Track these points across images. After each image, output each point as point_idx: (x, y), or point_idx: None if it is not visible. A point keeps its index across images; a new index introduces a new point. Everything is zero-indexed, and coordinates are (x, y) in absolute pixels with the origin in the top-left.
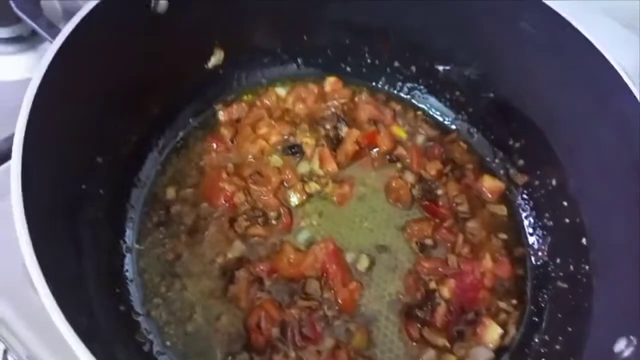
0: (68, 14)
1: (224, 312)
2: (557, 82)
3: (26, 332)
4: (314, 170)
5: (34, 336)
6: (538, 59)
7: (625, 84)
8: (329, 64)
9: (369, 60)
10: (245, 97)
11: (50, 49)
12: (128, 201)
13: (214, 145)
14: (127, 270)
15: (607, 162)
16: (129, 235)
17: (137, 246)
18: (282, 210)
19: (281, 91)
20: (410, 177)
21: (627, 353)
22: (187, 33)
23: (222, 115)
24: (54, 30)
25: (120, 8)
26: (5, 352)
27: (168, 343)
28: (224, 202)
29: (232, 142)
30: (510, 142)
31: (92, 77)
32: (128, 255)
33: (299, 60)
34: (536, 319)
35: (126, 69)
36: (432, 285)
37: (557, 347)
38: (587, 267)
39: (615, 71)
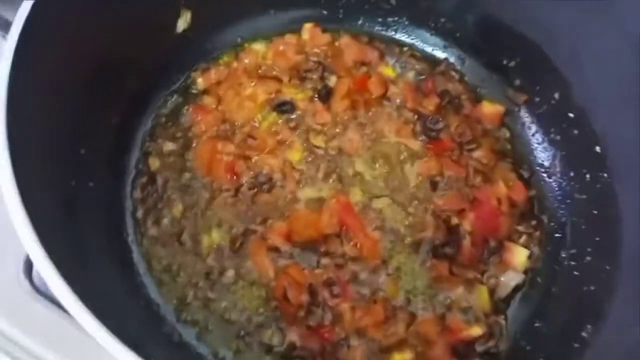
0: None
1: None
2: None
3: (29, 343)
4: (309, 124)
5: (39, 347)
6: None
7: None
8: (304, 10)
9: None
10: (222, 60)
11: (7, 44)
12: (122, 190)
13: (199, 117)
14: (135, 261)
15: (610, 65)
16: (129, 225)
17: (139, 236)
18: (286, 171)
19: (259, 47)
20: (408, 115)
21: None
22: None
23: (200, 83)
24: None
25: None
26: None
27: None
28: (225, 173)
29: (218, 108)
30: (505, 62)
31: (59, 64)
32: (133, 246)
33: (272, 11)
34: (559, 235)
35: (93, 48)
36: (454, 220)
37: (588, 258)
38: (605, 175)
39: None
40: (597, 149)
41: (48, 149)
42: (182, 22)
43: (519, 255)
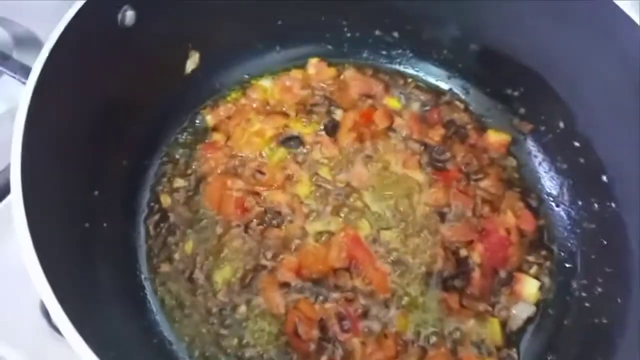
0: (19, 41)
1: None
2: (550, 23)
3: None
4: (317, 158)
5: None
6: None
7: (626, 15)
8: (309, 46)
9: (349, 34)
10: (230, 97)
11: (26, 88)
12: (135, 228)
13: (209, 153)
14: (148, 299)
15: (613, 93)
16: (142, 263)
17: (152, 274)
18: (295, 206)
19: (266, 83)
20: (415, 146)
21: None
22: (158, 41)
23: (210, 120)
24: (24, 70)
25: (86, 32)
26: None
27: None
28: (235, 209)
29: (227, 144)
30: (509, 92)
31: (71, 109)
32: (146, 284)
33: (277, 47)
34: (570, 265)
35: (103, 91)
36: (463, 252)
37: (599, 289)
38: (613, 205)
39: (614, 4)
40: (604, 178)
41: (61, 193)
42: (191, 63)
43: (530, 287)
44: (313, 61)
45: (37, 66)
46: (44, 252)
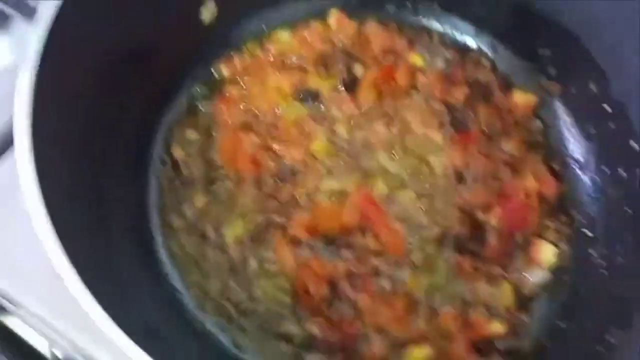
0: None
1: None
2: None
3: (65, 326)
4: (334, 115)
5: (73, 329)
6: None
7: None
8: None
9: None
10: (246, 49)
11: (38, 30)
12: (146, 180)
13: (223, 106)
14: (159, 251)
15: None
16: (153, 215)
17: (163, 227)
18: (309, 162)
19: (284, 35)
20: (436, 106)
21: None
22: None
23: (225, 72)
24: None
25: None
26: (51, 347)
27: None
28: (248, 164)
29: (242, 98)
30: (540, 51)
31: (83, 54)
32: (157, 237)
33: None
34: (590, 233)
35: (118, 38)
36: (480, 215)
37: (620, 259)
38: None
39: None
40: (634, 144)
41: (71, 146)
42: (206, 12)
43: (546, 252)
44: (334, 12)
45: (48, 11)
46: (51, 205)
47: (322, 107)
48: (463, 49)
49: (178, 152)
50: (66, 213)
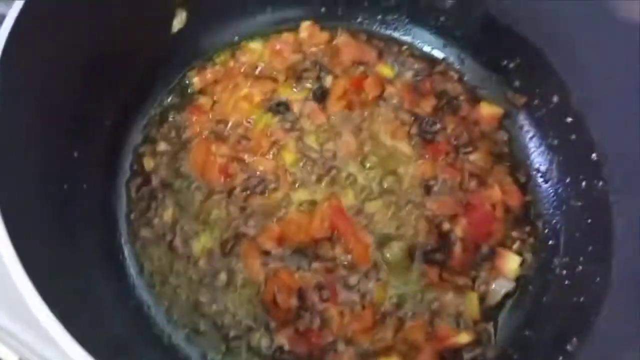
0: None
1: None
2: None
3: (33, 339)
4: (304, 126)
5: (42, 344)
6: None
7: None
8: (301, 7)
9: None
10: (218, 59)
11: (1, 30)
12: (116, 191)
13: (194, 117)
14: (127, 262)
15: (611, 72)
16: (122, 226)
17: (132, 238)
18: (279, 173)
19: (255, 46)
20: (405, 117)
21: None
22: None
23: (196, 83)
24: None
25: None
26: None
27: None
28: (219, 175)
29: (213, 109)
30: (504, 63)
31: (51, 60)
32: (126, 248)
33: (269, 8)
34: (553, 242)
35: (86, 44)
36: (445, 226)
37: (580, 267)
38: (600, 183)
39: None
40: (594, 156)
41: (38, 152)
42: (178, 22)
43: (511, 262)
44: (305, 24)
45: (14, 10)
46: (13, 214)
47: (292, 117)
48: (431, 61)
49: (148, 163)
50: (30, 222)
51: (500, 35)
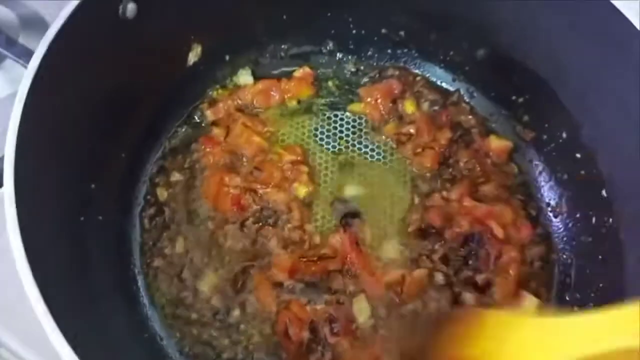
0: (25, 23)
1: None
2: (561, 30)
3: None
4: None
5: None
6: (537, 8)
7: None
8: (313, 43)
9: (354, 31)
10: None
11: (26, 74)
12: (130, 221)
13: (208, 148)
14: (141, 293)
15: (621, 107)
16: (136, 257)
17: (145, 268)
18: (291, 205)
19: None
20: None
21: None
22: (160, 33)
23: (209, 115)
24: (28, 55)
25: (89, 21)
26: None
27: None
28: (232, 206)
29: (226, 140)
30: (513, 98)
31: (70, 98)
32: (139, 278)
33: (283, 46)
34: (563, 278)
35: (107, 82)
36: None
37: (591, 304)
38: (610, 220)
39: (624, 17)
40: (604, 192)
41: (57, 186)
42: (193, 55)
43: (529, 304)
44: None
45: (39, 52)
46: (33, 248)
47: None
48: (444, 92)
49: (162, 193)
50: (46, 255)
51: (509, 71)
